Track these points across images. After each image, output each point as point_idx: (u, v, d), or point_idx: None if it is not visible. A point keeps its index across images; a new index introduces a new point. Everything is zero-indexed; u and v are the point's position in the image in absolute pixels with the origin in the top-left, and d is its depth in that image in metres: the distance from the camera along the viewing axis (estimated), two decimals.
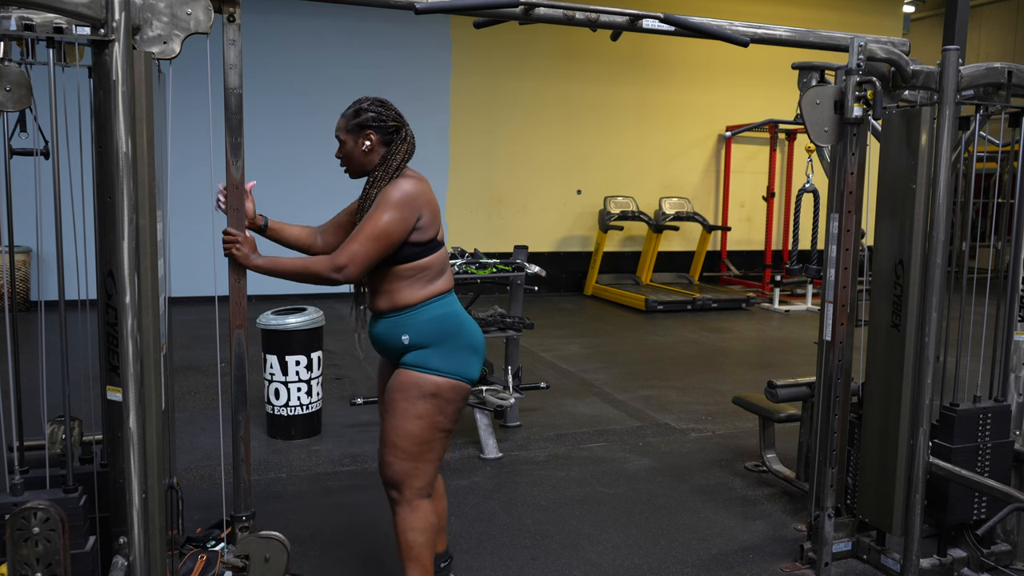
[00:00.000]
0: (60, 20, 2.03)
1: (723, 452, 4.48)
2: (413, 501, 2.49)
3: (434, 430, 2.46)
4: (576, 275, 10.67)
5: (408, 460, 2.45)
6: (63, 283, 2.15)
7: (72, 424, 2.38)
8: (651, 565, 3.17)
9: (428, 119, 9.89)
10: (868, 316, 3.09)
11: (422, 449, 2.46)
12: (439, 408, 2.44)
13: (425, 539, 2.51)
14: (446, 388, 2.44)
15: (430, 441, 2.46)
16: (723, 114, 11.16)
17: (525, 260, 4.88)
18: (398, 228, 2.37)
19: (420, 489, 2.49)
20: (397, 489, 2.49)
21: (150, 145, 2.05)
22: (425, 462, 2.48)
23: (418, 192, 2.43)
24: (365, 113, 2.47)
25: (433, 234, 2.46)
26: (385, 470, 2.50)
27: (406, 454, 2.45)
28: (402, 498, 2.49)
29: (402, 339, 2.45)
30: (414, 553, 2.51)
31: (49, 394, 2.23)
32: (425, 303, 2.45)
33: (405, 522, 2.50)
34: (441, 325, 2.46)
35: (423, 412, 2.43)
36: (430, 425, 2.44)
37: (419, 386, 2.42)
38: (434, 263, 2.47)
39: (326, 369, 5.46)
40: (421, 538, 2.50)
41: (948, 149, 2.71)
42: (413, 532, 2.50)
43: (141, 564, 1.92)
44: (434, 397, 2.43)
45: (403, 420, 2.43)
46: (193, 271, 6.52)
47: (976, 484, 2.82)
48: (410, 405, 2.43)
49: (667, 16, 2.70)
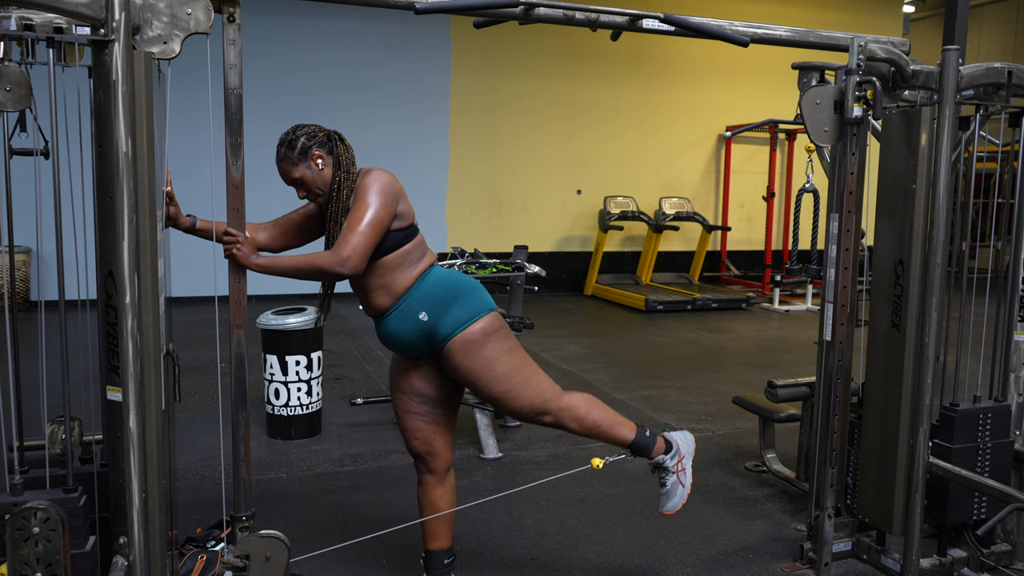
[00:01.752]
0: (60, 20, 2.03)
1: (723, 452, 4.48)
2: (561, 404, 2.59)
3: (514, 354, 2.57)
4: (576, 275, 10.67)
5: (526, 389, 2.55)
6: (63, 283, 2.15)
7: (72, 424, 2.38)
8: (651, 565, 3.17)
9: (428, 119, 9.90)
10: (868, 316, 3.09)
11: (524, 373, 2.56)
12: (501, 337, 2.56)
13: (599, 411, 2.64)
14: (489, 321, 2.55)
15: (521, 363, 2.57)
16: (723, 114, 11.16)
17: (525, 260, 4.88)
18: (386, 214, 2.46)
19: (554, 395, 2.59)
20: (545, 413, 2.58)
21: (150, 145, 2.04)
22: (533, 377, 2.58)
23: (389, 179, 2.52)
24: (298, 141, 2.52)
25: (411, 219, 2.57)
26: (524, 412, 2.58)
27: (520, 386, 2.55)
28: (555, 413, 2.59)
29: (420, 318, 2.54)
30: (603, 425, 2.64)
31: (49, 394, 2.23)
32: (419, 280, 2.56)
33: (576, 420, 2.60)
34: (443, 287, 2.56)
35: (496, 350, 2.53)
36: (508, 352, 2.55)
37: (474, 339, 2.52)
38: (416, 247, 2.58)
39: (326, 369, 5.46)
40: (597, 414, 2.63)
41: (948, 149, 2.71)
42: (588, 418, 2.61)
43: (141, 564, 1.92)
44: (489, 335, 2.53)
45: (492, 369, 2.52)
46: (193, 271, 6.52)
47: (976, 484, 2.82)
48: (484, 355, 2.52)
49: (667, 16, 2.71)
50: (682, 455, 2.75)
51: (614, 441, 2.68)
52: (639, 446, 2.69)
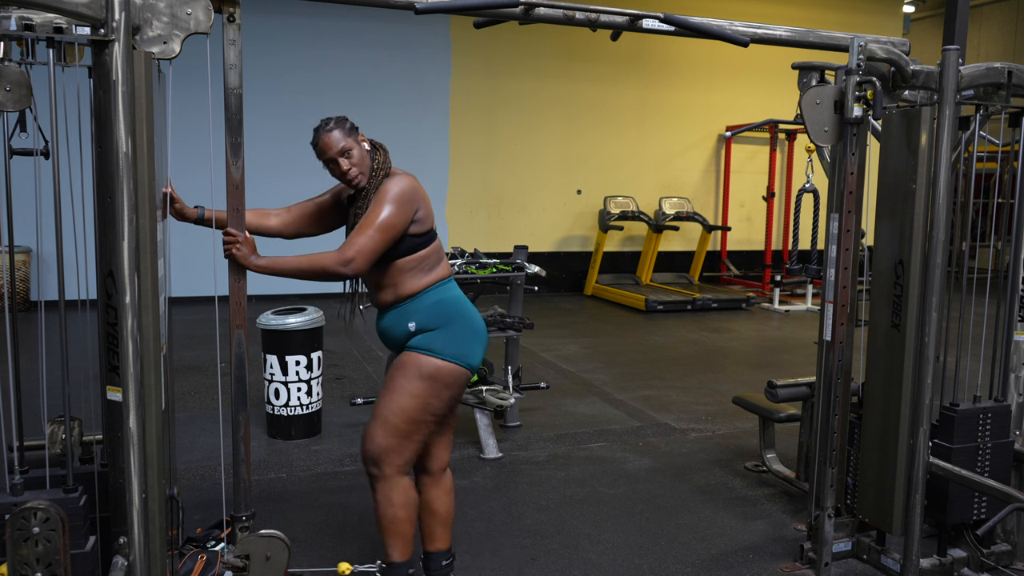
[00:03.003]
0: (60, 20, 2.03)
1: (723, 452, 4.48)
2: (392, 477, 2.55)
3: (425, 411, 2.53)
4: (576, 275, 10.67)
5: (394, 436, 2.52)
6: (63, 283, 2.15)
7: (72, 424, 2.38)
8: (651, 565, 3.17)
9: (428, 119, 9.90)
10: (868, 316, 3.09)
11: (410, 428, 2.52)
12: (435, 391, 2.52)
13: (404, 514, 2.58)
14: (446, 371, 2.52)
15: (419, 421, 2.53)
16: (723, 114, 11.16)
17: (525, 260, 4.88)
18: (400, 221, 2.45)
19: (400, 466, 2.56)
20: (377, 465, 2.55)
21: (150, 145, 2.04)
22: (410, 441, 2.54)
23: (414, 187, 2.52)
24: (344, 121, 2.53)
25: (430, 225, 2.57)
26: (368, 444, 2.55)
27: (394, 430, 2.51)
28: (381, 474, 2.55)
29: (409, 326, 2.54)
30: (395, 528, 2.59)
31: (49, 394, 2.23)
32: (427, 289, 2.55)
33: (385, 497, 2.56)
34: (444, 308, 2.55)
35: (419, 391, 2.50)
36: (423, 405, 2.51)
37: (419, 366, 2.50)
38: (432, 253, 2.57)
39: (326, 369, 5.46)
40: (401, 512, 2.58)
41: (948, 149, 2.71)
42: (393, 507, 2.57)
43: (141, 564, 1.92)
44: (432, 379, 2.50)
45: (398, 396, 2.50)
46: (193, 271, 6.52)
47: (976, 484, 2.82)
48: (407, 383, 2.50)
49: (667, 16, 2.71)
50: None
51: (385, 545, 2.63)
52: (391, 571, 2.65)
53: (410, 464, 2.60)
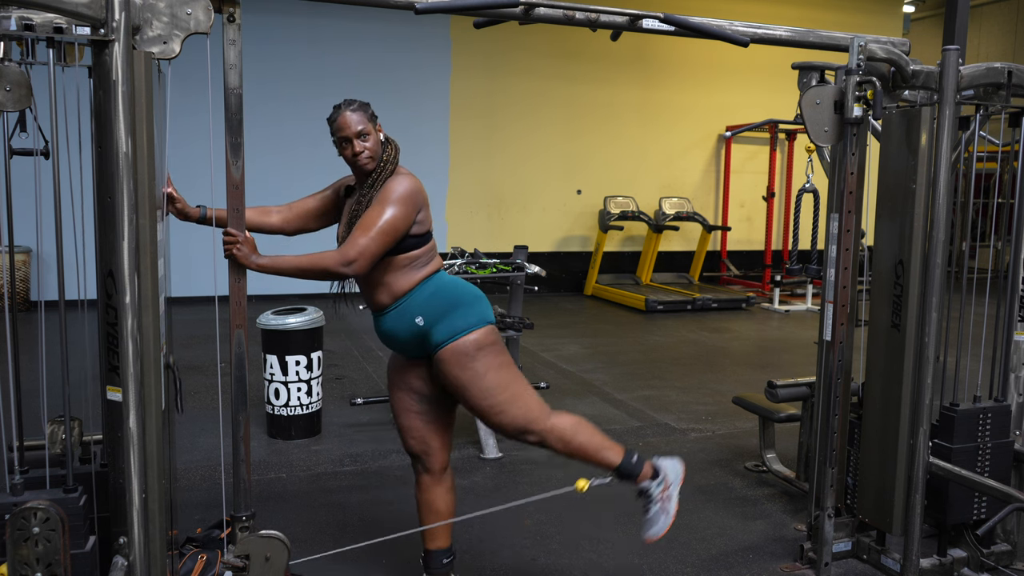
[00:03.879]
0: (60, 20, 2.03)
1: (723, 452, 4.48)
2: (548, 425, 2.56)
3: (503, 370, 2.55)
4: (576, 275, 10.66)
5: (511, 405, 2.54)
6: (63, 283, 2.15)
7: (72, 424, 2.38)
8: (651, 565, 3.16)
9: (428, 119, 9.89)
10: (868, 316, 3.09)
11: (512, 389, 2.55)
12: (493, 352, 2.55)
13: (586, 434, 2.59)
14: (483, 334, 2.55)
15: (508, 380, 2.56)
16: (723, 114, 11.15)
17: (525, 260, 4.88)
18: (403, 223, 2.46)
19: (541, 415, 2.56)
20: (528, 432, 2.56)
21: (150, 145, 2.04)
22: (522, 395, 2.56)
23: (418, 188, 2.53)
24: (368, 107, 2.54)
25: (428, 227, 2.58)
26: (508, 430, 2.57)
27: (505, 403, 2.53)
28: (538, 433, 2.56)
29: (416, 322, 2.54)
30: (590, 449, 2.60)
31: (49, 394, 2.23)
32: (421, 284, 2.55)
33: (562, 443, 2.57)
34: (443, 295, 2.56)
35: (486, 364, 2.52)
36: (499, 367, 2.54)
37: (466, 351, 2.52)
38: (426, 252, 2.58)
39: (326, 369, 5.46)
40: (583, 437, 2.59)
41: (948, 149, 2.71)
42: (574, 441, 2.58)
43: (141, 564, 1.92)
44: (481, 348, 2.53)
45: (480, 382, 2.52)
46: (193, 271, 6.51)
47: (976, 484, 2.82)
48: (474, 368, 2.52)
49: (667, 16, 2.70)
50: (668, 483, 2.67)
51: (600, 464, 2.62)
52: (626, 471, 2.63)
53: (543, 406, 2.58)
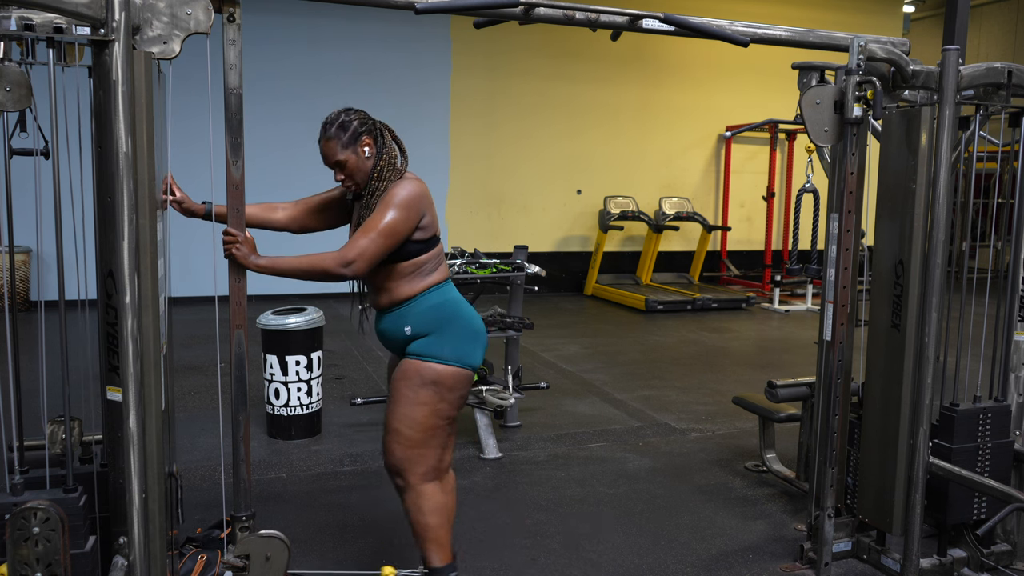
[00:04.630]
0: (60, 20, 2.03)
1: (723, 452, 4.48)
2: (418, 486, 2.54)
3: (436, 417, 2.51)
4: (576, 275, 10.66)
5: (411, 447, 2.51)
6: (63, 283, 2.14)
7: (72, 424, 2.38)
8: (651, 565, 3.17)
9: (428, 119, 9.89)
10: (868, 316, 3.09)
11: (425, 435, 2.51)
12: (440, 395, 2.50)
13: (436, 520, 2.57)
14: (447, 376, 2.50)
15: (432, 427, 2.51)
16: (723, 114, 11.15)
17: (525, 260, 4.88)
18: (405, 226, 2.44)
19: (424, 474, 2.54)
20: (401, 476, 2.55)
21: (150, 145, 2.04)
22: (428, 448, 2.53)
23: (422, 193, 2.51)
24: (351, 124, 2.50)
25: (434, 232, 2.55)
26: (388, 457, 2.55)
27: (409, 440, 2.50)
28: (407, 484, 2.55)
29: (404, 330, 2.53)
30: (430, 535, 2.57)
31: (49, 394, 2.23)
32: (423, 293, 2.53)
33: (415, 507, 2.56)
34: (440, 312, 2.53)
35: (425, 399, 2.49)
36: (432, 412, 2.50)
37: (421, 374, 2.49)
38: (431, 258, 2.55)
39: (326, 369, 5.46)
40: (433, 519, 2.56)
41: (948, 149, 2.71)
42: (423, 515, 2.56)
43: (141, 564, 1.92)
44: (435, 384, 2.49)
45: (406, 407, 2.49)
46: (193, 271, 6.52)
47: (976, 484, 2.82)
48: (412, 392, 2.49)
49: (667, 16, 2.70)
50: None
51: (423, 553, 2.61)
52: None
53: (435, 470, 2.57)
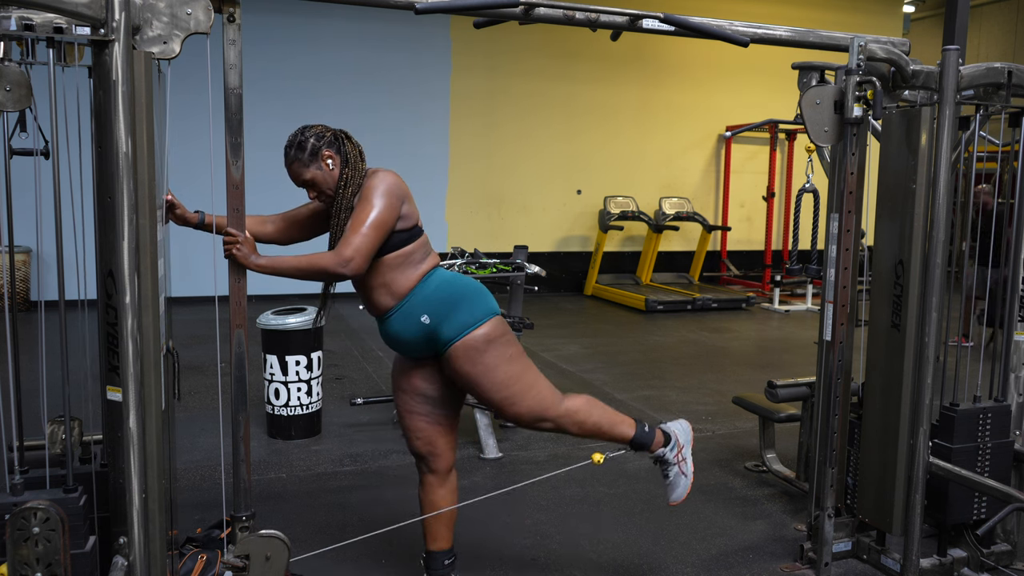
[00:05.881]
0: (60, 20, 2.03)
1: (723, 452, 4.48)
2: (563, 413, 2.61)
3: (515, 361, 2.57)
4: (576, 275, 10.66)
5: (525, 397, 2.56)
6: (63, 283, 2.14)
7: (72, 424, 2.38)
8: (651, 565, 3.16)
9: (428, 119, 9.89)
10: (868, 316, 3.09)
11: (524, 380, 2.57)
12: (503, 343, 2.56)
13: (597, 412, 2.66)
14: (491, 329, 2.55)
15: (522, 370, 2.58)
16: (723, 114, 11.15)
17: (525, 260, 4.88)
18: (390, 216, 2.46)
19: (554, 403, 2.60)
20: (544, 420, 2.60)
21: (150, 145, 2.04)
22: (535, 384, 2.59)
23: (396, 181, 2.52)
24: (307, 142, 2.52)
25: (415, 220, 2.57)
26: (524, 420, 2.60)
27: (520, 395, 2.56)
28: (554, 420, 2.61)
29: (422, 320, 2.54)
30: (605, 427, 2.67)
31: (49, 394, 2.23)
32: (421, 282, 2.55)
33: (578, 425, 2.63)
34: (446, 290, 2.56)
35: (497, 357, 2.53)
36: (509, 359, 2.55)
37: (475, 346, 2.52)
38: (418, 248, 2.57)
39: (326, 369, 5.46)
40: (595, 416, 2.65)
41: (948, 149, 2.71)
42: (589, 421, 2.64)
43: (141, 564, 1.92)
44: (490, 342, 2.53)
45: (492, 375, 2.53)
46: (193, 271, 6.51)
47: (976, 484, 2.82)
48: (485, 362, 2.53)
49: (667, 16, 2.70)
50: (681, 445, 2.76)
51: (614, 440, 2.70)
52: (639, 442, 2.70)
53: (555, 393, 2.62)
